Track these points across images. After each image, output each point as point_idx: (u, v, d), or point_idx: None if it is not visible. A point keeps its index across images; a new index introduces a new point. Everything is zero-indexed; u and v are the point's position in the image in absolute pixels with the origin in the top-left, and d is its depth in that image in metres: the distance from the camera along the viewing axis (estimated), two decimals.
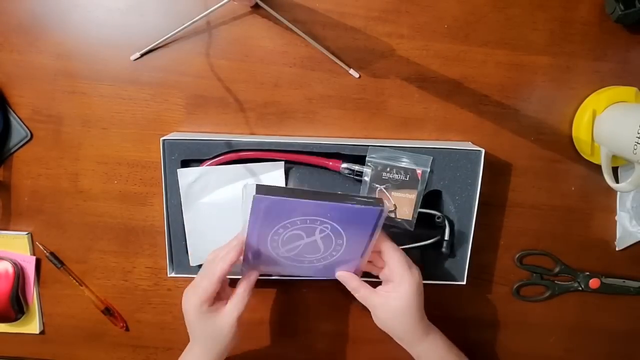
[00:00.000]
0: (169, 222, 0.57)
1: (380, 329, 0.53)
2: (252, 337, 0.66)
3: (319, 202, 0.45)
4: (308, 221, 0.47)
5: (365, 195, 0.54)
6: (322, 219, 0.47)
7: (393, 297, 0.50)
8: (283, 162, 0.56)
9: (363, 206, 0.45)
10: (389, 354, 0.58)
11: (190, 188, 0.56)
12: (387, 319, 0.51)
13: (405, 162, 0.55)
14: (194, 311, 0.49)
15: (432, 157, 0.55)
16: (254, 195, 0.44)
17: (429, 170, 0.55)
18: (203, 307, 0.48)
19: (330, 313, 0.65)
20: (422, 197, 0.56)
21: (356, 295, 0.51)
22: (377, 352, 0.65)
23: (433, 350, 0.54)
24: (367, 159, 0.55)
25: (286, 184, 0.57)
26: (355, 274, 0.52)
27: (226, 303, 0.50)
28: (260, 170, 0.56)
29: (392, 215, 0.56)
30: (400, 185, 0.55)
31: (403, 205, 0.56)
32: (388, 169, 0.55)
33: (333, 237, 0.48)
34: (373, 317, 0.52)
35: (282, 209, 0.46)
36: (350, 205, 0.45)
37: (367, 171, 0.55)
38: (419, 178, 0.55)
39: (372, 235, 0.48)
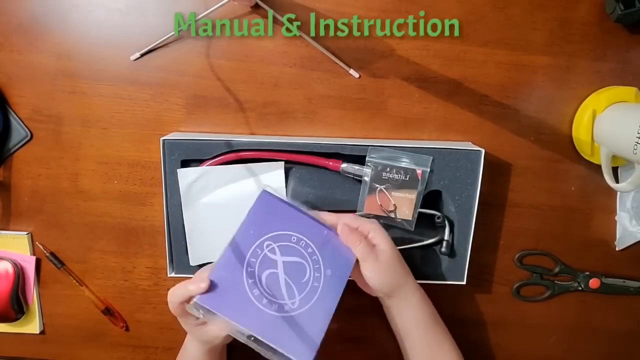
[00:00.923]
0: (169, 222, 0.57)
1: (375, 327, 0.53)
2: None
3: (317, 222, 0.47)
4: (297, 240, 0.48)
5: None
6: (310, 243, 0.48)
7: (380, 250, 0.50)
8: (283, 162, 0.56)
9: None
10: (388, 354, 0.58)
11: (190, 188, 0.56)
12: (381, 268, 0.50)
13: (405, 162, 0.55)
14: (187, 325, 0.50)
15: (432, 157, 0.55)
16: (263, 189, 0.46)
17: (429, 170, 0.55)
18: (197, 323, 0.49)
19: None
20: (422, 197, 0.56)
21: (356, 249, 0.49)
22: (377, 352, 0.65)
23: (414, 313, 0.53)
24: (367, 159, 0.55)
25: (286, 184, 0.57)
26: None
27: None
28: (260, 170, 0.56)
29: (392, 215, 0.56)
30: (400, 185, 0.55)
31: (403, 205, 0.56)
32: (388, 169, 0.55)
33: (314, 261, 0.48)
34: (366, 271, 0.49)
35: (282, 215, 0.47)
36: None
37: (367, 171, 0.55)
38: (419, 178, 0.55)
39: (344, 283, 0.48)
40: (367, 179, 0.55)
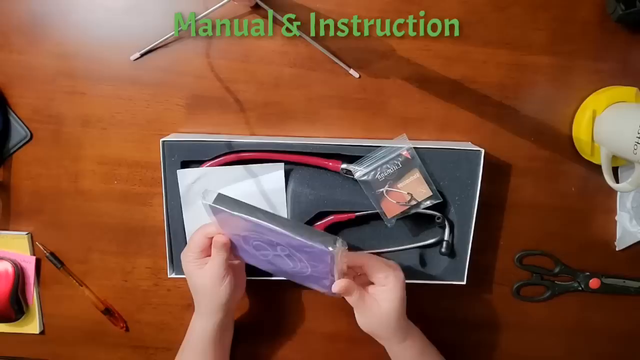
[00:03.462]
0: (169, 222, 0.57)
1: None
2: (251, 337, 0.66)
3: (271, 225, 0.44)
4: (266, 239, 0.47)
5: (322, 232, 0.48)
6: (278, 242, 0.47)
7: (383, 299, 0.51)
8: (283, 164, 0.55)
9: (314, 243, 0.44)
10: (387, 354, 0.58)
11: (190, 189, 0.56)
12: (373, 321, 0.53)
13: (388, 155, 0.55)
14: (188, 264, 0.53)
15: (404, 134, 0.55)
16: (205, 203, 0.45)
17: (411, 145, 0.55)
18: (196, 259, 0.52)
19: (330, 313, 0.65)
20: (424, 169, 0.55)
21: (349, 299, 0.51)
22: (376, 352, 0.65)
23: (410, 350, 0.55)
24: (357, 179, 0.55)
25: (286, 185, 0.57)
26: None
27: None
28: (260, 172, 0.56)
29: (414, 202, 0.55)
30: (399, 175, 0.55)
31: (415, 188, 0.55)
32: (379, 170, 0.55)
33: (295, 259, 0.48)
34: (357, 317, 0.53)
35: (235, 223, 0.47)
36: (300, 239, 0.45)
37: (366, 187, 0.55)
38: (410, 157, 0.55)
39: (332, 268, 0.47)
40: (372, 193, 0.55)
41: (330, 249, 0.44)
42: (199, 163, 0.56)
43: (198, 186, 0.56)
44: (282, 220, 0.46)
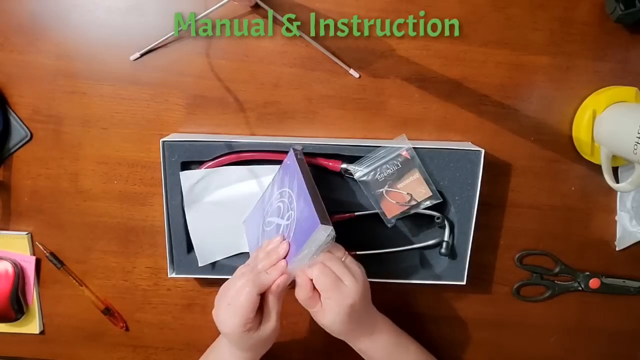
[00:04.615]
0: (169, 222, 0.57)
1: None
2: None
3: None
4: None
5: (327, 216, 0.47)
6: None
7: (329, 309, 0.48)
8: None
9: (315, 214, 0.44)
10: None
11: (192, 189, 0.56)
12: (324, 324, 0.49)
13: (387, 155, 0.55)
14: (235, 332, 0.47)
15: (403, 134, 0.55)
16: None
17: (410, 145, 0.55)
18: (246, 327, 0.46)
19: None
20: (424, 169, 0.55)
21: (297, 296, 0.48)
22: None
23: (376, 348, 0.54)
24: (357, 180, 0.55)
25: None
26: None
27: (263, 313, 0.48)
28: (261, 172, 0.56)
29: (414, 202, 0.55)
30: (399, 175, 0.55)
31: (415, 188, 0.55)
32: (378, 170, 0.55)
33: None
34: (313, 316, 0.50)
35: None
36: (310, 205, 0.45)
37: (366, 180, 0.55)
38: (409, 157, 0.55)
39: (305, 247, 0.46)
40: (372, 193, 0.55)
41: (321, 226, 0.43)
42: (199, 163, 0.56)
43: (200, 187, 0.56)
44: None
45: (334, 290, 0.46)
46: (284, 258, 0.47)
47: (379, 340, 0.54)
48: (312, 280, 0.47)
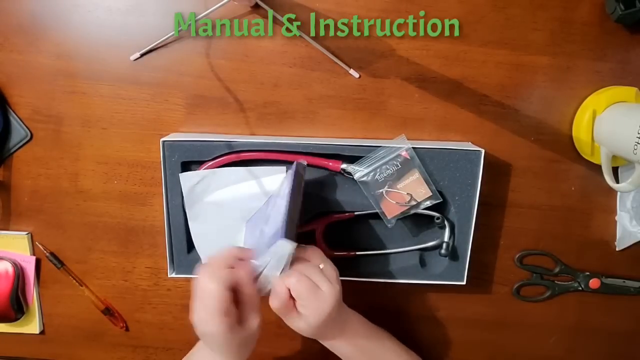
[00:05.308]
0: (169, 222, 0.57)
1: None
2: None
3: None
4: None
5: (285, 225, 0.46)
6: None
7: (306, 316, 0.47)
8: (285, 167, 0.56)
9: (283, 228, 0.43)
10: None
11: (192, 191, 0.56)
12: (300, 329, 0.49)
13: (387, 156, 0.55)
14: (218, 331, 0.44)
15: (403, 134, 0.55)
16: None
17: (410, 145, 0.55)
18: (229, 319, 0.44)
19: None
20: (424, 169, 0.55)
21: (271, 304, 0.47)
22: None
23: (348, 343, 0.53)
24: (355, 177, 0.55)
25: None
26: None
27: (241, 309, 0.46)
28: (261, 174, 0.56)
29: (414, 202, 0.55)
30: (398, 176, 0.55)
31: (415, 188, 0.55)
32: (378, 170, 0.55)
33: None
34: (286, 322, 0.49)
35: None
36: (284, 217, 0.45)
37: (366, 180, 0.55)
38: (409, 157, 0.55)
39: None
40: (372, 194, 0.55)
41: (281, 241, 0.42)
42: (199, 163, 0.56)
43: (200, 188, 0.56)
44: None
45: (311, 298, 0.46)
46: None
47: (351, 336, 0.54)
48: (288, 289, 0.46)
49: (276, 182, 0.56)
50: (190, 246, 0.58)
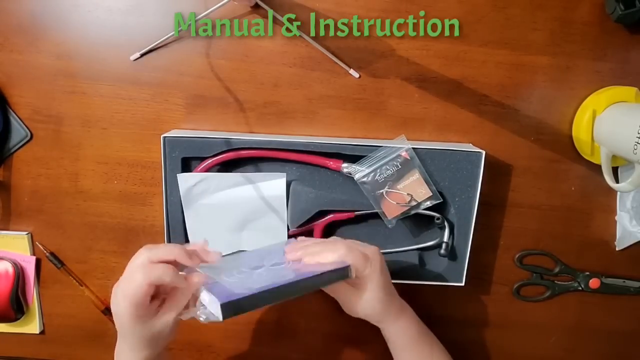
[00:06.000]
0: (169, 222, 0.57)
1: (374, 326, 0.53)
2: (251, 337, 0.66)
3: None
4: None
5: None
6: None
7: (362, 289, 0.49)
8: (285, 174, 0.56)
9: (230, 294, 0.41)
10: (387, 353, 0.58)
11: (190, 191, 0.56)
12: (358, 309, 0.51)
13: (388, 156, 0.55)
14: (125, 315, 0.43)
15: (403, 135, 0.56)
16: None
17: (409, 146, 0.55)
18: (138, 310, 0.43)
19: (330, 313, 0.65)
20: (424, 169, 0.55)
21: (329, 290, 0.50)
22: (376, 351, 0.65)
23: (403, 333, 0.54)
24: (355, 178, 0.55)
25: (287, 184, 0.56)
26: None
27: (163, 301, 0.45)
28: (260, 179, 0.56)
29: (414, 203, 0.55)
30: (398, 176, 0.55)
31: (415, 188, 0.55)
32: (378, 171, 0.55)
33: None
34: (342, 306, 0.52)
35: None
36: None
37: (366, 181, 0.55)
38: (409, 157, 0.55)
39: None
40: (372, 194, 0.55)
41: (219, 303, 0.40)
42: (199, 159, 0.56)
43: (198, 190, 0.56)
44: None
45: (366, 260, 0.48)
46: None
47: (407, 325, 0.54)
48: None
49: (275, 187, 0.56)
50: None
